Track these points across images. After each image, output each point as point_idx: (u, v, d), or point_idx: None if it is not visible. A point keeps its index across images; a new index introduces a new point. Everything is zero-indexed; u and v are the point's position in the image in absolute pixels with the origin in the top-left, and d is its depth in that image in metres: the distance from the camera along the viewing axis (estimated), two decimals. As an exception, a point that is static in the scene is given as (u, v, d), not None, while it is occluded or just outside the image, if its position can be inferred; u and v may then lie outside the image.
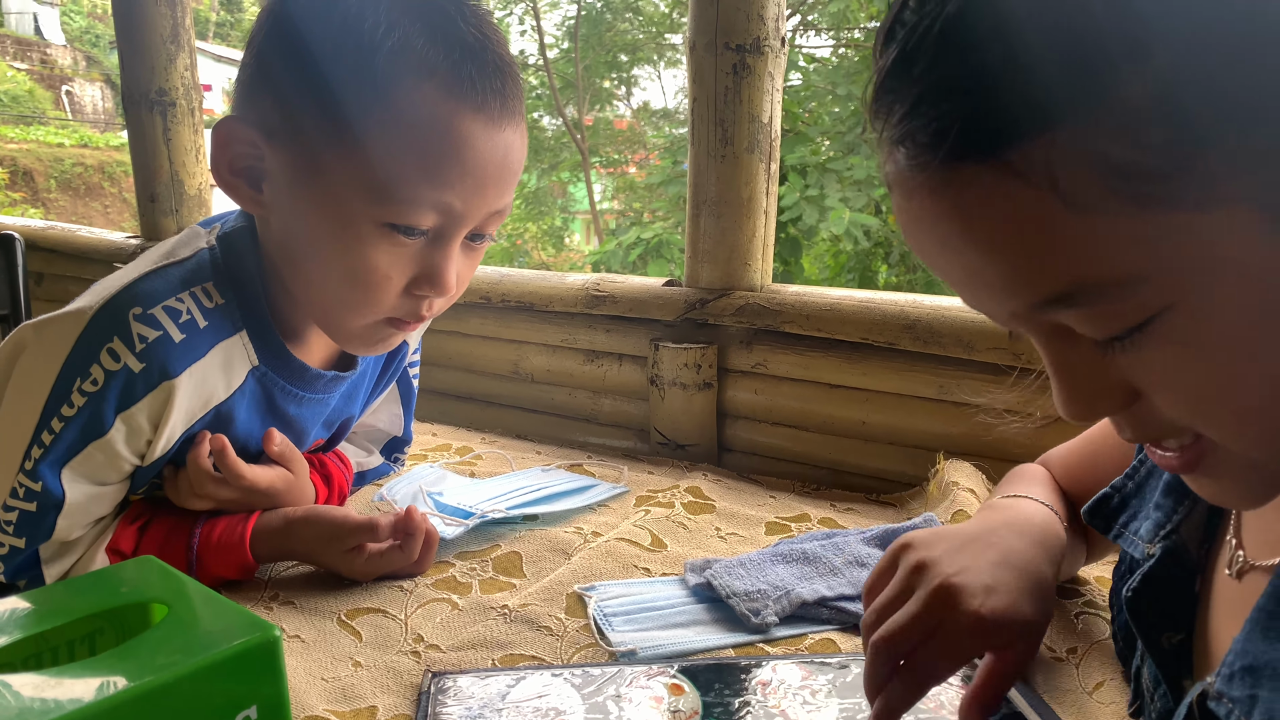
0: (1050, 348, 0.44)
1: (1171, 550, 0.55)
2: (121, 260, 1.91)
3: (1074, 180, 0.36)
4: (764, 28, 1.21)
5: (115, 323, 0.74)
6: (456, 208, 0.72)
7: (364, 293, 0.75)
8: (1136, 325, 0.39)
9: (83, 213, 12.27)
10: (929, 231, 0.42)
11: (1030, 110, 0.36)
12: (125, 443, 0.76)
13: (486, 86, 0.71)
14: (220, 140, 0.75)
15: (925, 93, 0.39)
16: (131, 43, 1.81)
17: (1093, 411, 0.44)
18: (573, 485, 1.07)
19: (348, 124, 0.70)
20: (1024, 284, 0.40)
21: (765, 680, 0.68)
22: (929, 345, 1.12)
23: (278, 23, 0.74)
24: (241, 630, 0.51)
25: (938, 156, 0.39)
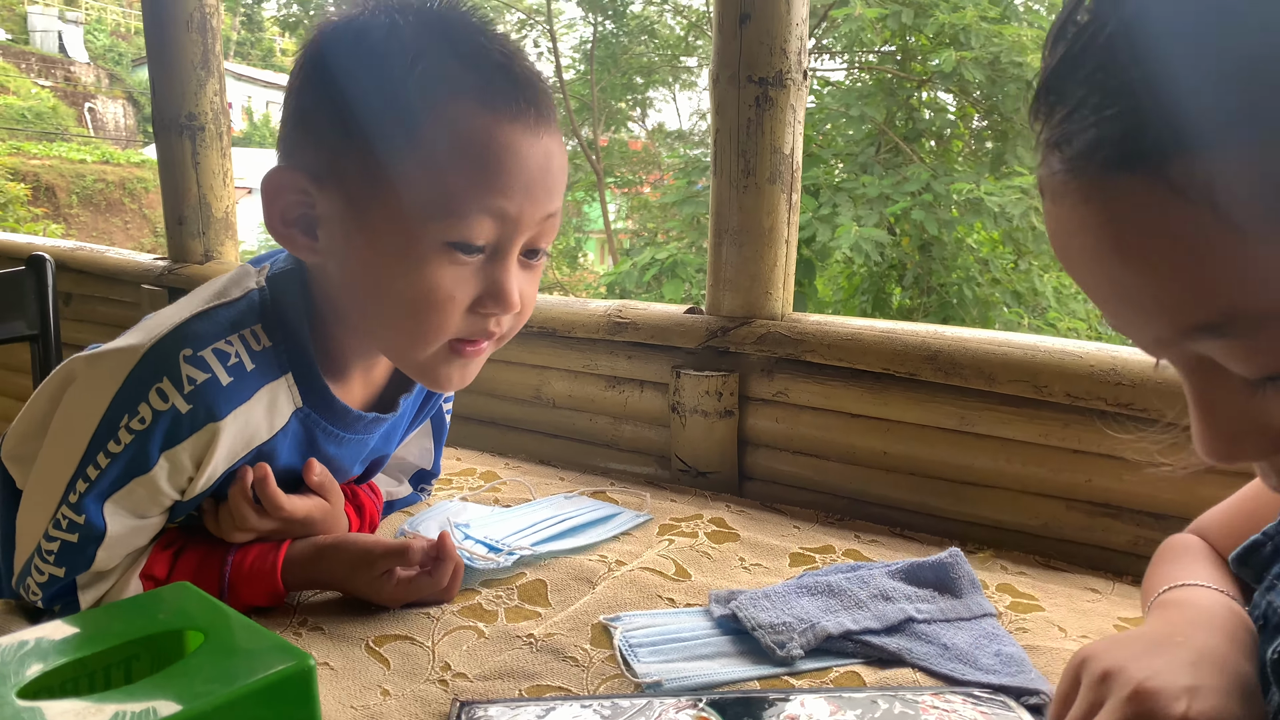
0: (1194, 380, 0.41)
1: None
2: (149, 282, 1.94)
3: (1235, 200, 0.34)
4: (786, 61, 1.22)
5: (165, 363, 0.75)
6: (510, 213, 0.74)
7: (429, 316, 0.75)
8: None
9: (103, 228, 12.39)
10: (1077, 241, 0.40)
11: (1195, 123, 0.34)
12: (168, 479, 0.77)
13: (520, 96, 0.74)
14: (270, 192, 0.76)
15: (1088, 96, 0.37)
16: (163, 67, 1.84)
17: (1235, 454, 0.41)
18: (596, 514, 1.07)
19: (391, 154, 0.72)
20: (1173, 307, 0.38)
21: (793, 715, 0.68)
22: (950, 376, 1.12)
23: (311, 69, 0.76)
24: (277, 659, 0.52)
25: (1094, 162, 0.37)
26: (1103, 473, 1.06)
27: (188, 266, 1.90)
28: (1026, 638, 0.83)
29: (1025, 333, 1.24)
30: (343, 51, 0.74)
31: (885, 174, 6.52)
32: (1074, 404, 1.05)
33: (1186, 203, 0.35)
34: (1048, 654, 0.80)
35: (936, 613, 0.83)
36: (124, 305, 2.00)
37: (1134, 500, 1.05)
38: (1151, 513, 1.04)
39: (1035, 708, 0.70)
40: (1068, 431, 1.07)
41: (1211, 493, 0.99)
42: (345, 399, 0.86)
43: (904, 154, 6.84)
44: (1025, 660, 0.77)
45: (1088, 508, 1.08)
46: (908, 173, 6.35)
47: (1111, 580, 0.99)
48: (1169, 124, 0.35)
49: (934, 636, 0.80)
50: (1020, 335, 1.12)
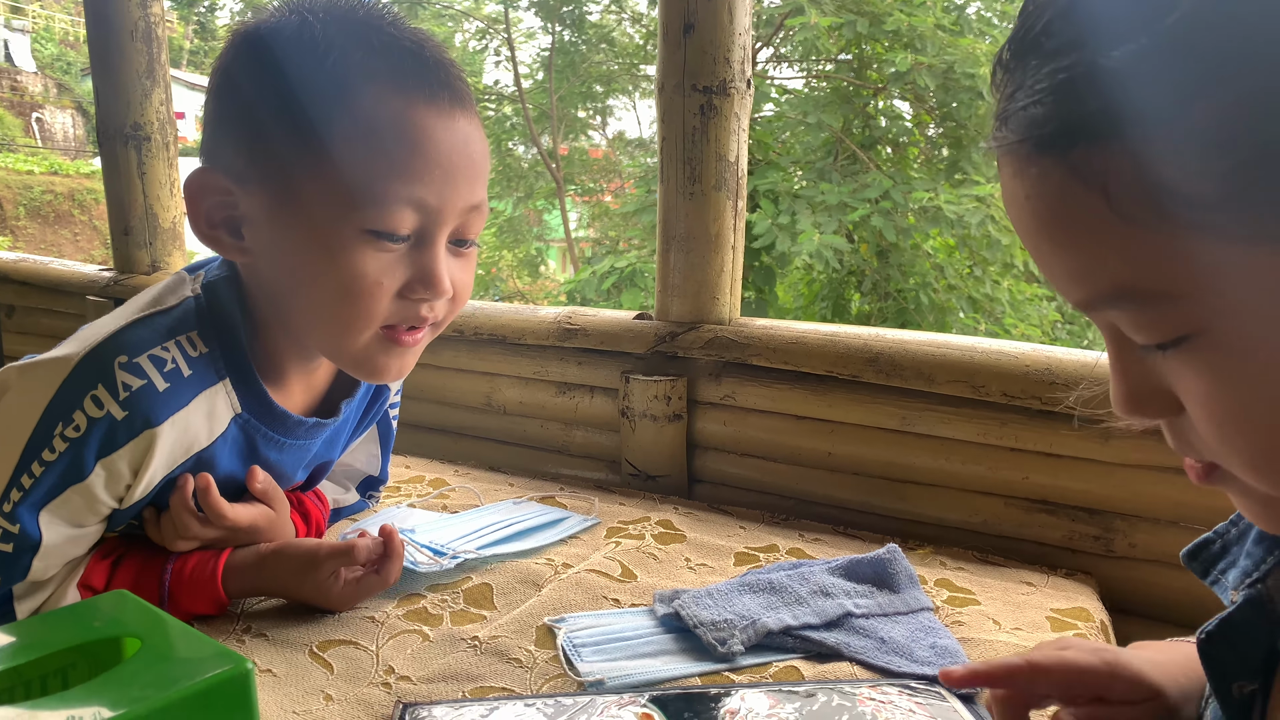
0: (1110, 342, 0.44)
1: (1254, 600, 0.53)
2: (94, 293, 1.91)
3: (1124, 190, 0.37)
4: (730, 70, 1.24)
5: (100, 370, 0.75)
6: (431, 202, 0.74)
7: (357, 303, 0.76)
8: (1169, 341, 0.40)
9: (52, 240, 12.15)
10: (1011, 208, 0.43)
11: (1095, 116, 0.37)
12: (104, 488, 0.77)
13: (432, 79, 0.75)
14: (193, 193, 0.77)
15: (1027, 77, 0.40)
16: (107, 78, 1.82)
17: (1139, 411, 0.45)
18: (544, 519, 1.08)
19: (308, 145, 0.73)
20: (1082, 278, 0.41)
21: (734, 709, 0.70)
22: (891, 378, 1.14)
23: (227, 69, 0.77)
24: (214, 663, 0.52)
25: (1025, 141, 0.40)
26: (1039, 470, 1.09)
27: (134, 277, 1.88)
28: (962, 630, 0.85)
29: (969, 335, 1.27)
30: (256, 50, 0.75)
31: (843, 181, 6.59)
32: (1010, 403, 1.08)
33: (1086, 188, 0.38)
34: (982, 646, 0.82)
35: (874, 607, 0.85)
36: (69, 317, 1.97)
37: (1069, 496, 1.08)
38: (1085, 508, 1.07)
39: (967, 697, 0.72)
40: (1005, 430, 1.09)
41: (1144, 488, 1.03)
42: (285, 404, 0.86)
43: (861, 162, 6.92)
44: (960, 652, 0.79)
45: (1025, 504, 1.10)
46: (867, 180, 6.43)
47: (1046, 574, 1.02)
48: (1075, 114, 0.38)
49: (871, 630, 0.82)
50: (958, 337, 1.15)
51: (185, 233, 1.98)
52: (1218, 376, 0.39)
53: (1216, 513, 1.01)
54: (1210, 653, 0.53)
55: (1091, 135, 0.38)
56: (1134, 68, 0.36)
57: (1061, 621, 0.89)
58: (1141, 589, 1.05)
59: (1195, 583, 1.02)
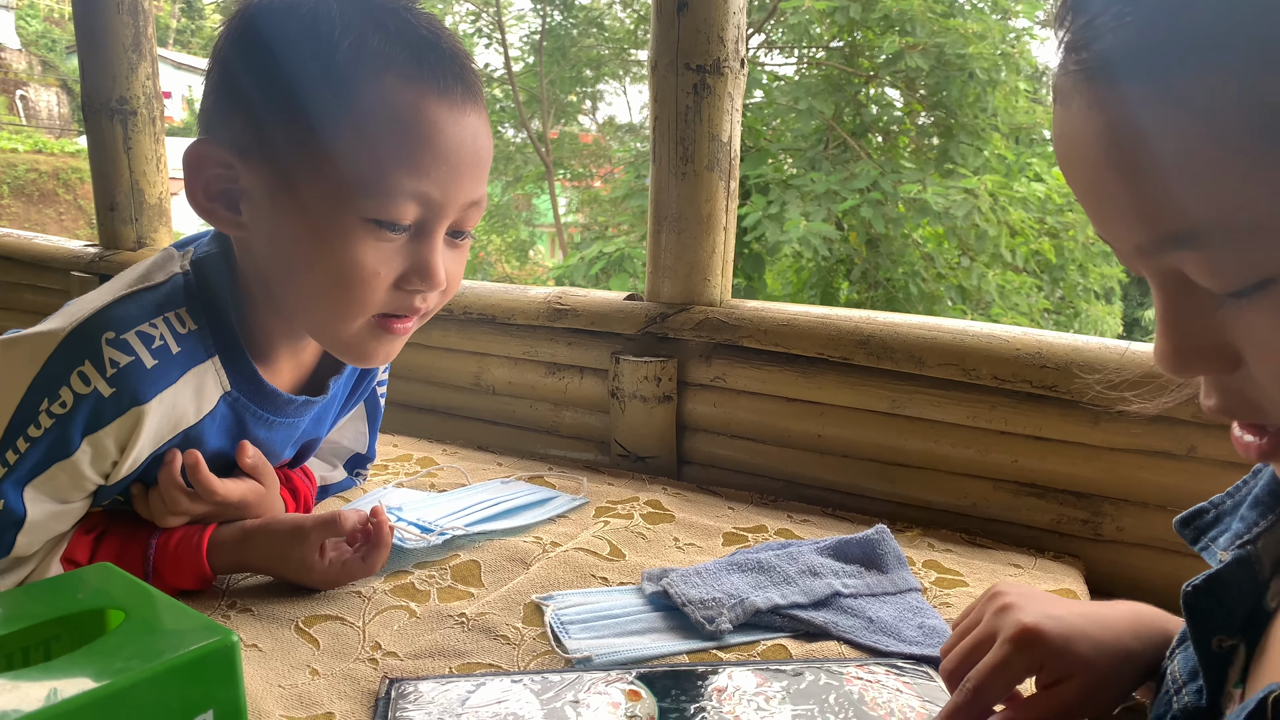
0: (1164, 293, 0.42)
1: (1243, 559, 0.53)
2: (79, 269, 1.89)
3: (1232, 118, 0.36)
4: (724, 49, 1.24)
5: (87, 346, 0.74)
6: (435, 196, 0.74)
7: (353, 291, 0.75)
8: (1255, 284, 0.38)
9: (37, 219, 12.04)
10: (1079, 146, 0.41)
11: (1209, 39, 0.36)
12: (90, 464, 0.76)
13: (446, 72, 0.74)
14: (193, 164, 0.75)
15: (1107, 5, 0.38)
16: (93, 51, 1.79)
17: (1188, 366, 0.43)
18: (532, 498, 1.08)
19: (317, 127, 0.71)
20: (1154, 215, 0.39)
21: (721, 687, 0.70)
22: (882, 360, 1.14)
23: (238, 41, 0.75)
24: (198, 635, 0.52)
25: (1106, 67, 0.39)
26: (1028, 453, 1.09)
27: (119, 253, 1.86)
28: (949, 612, 0.85)
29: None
30: (270, 24, 0.73)
31: (833, 170, 6.59)
32: (1001, 386, 1.08)
33: (1183, 114, 0.37)
34: (969, 626, 0.82)
35: (863, 587, 0.85)
36: (53, 293, 1.95)
37: (1057, 480, 1.08)
38: (1074, 491, 1.07)
39: (953, 675, 0.72)
40: (995, 414, 1.09)
41: (1133, 473, 1.03)
42: (274, 382, 0.85)
43: (851, 150, 6.92)
44: (947, 632, 0.79)
45: (1013, 487, 1.11)
46: (856, 169, 6.43)
47: (1034, 556, 1.02)
48: (1180, 37, 0.36)
49: (859, 610, 0.82)
50: (949, 320, 1.15)
51: (171, 209, 1.96)
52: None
53: (1202, 498, 1.01)
54: (1195, 605, 0.53)
55: (1202, 55, 0.36)
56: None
57: (1049, 603, 0.89)
58: (1129, 572, 1.05)
59: (1182, 566, 1.03)
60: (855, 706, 0.67)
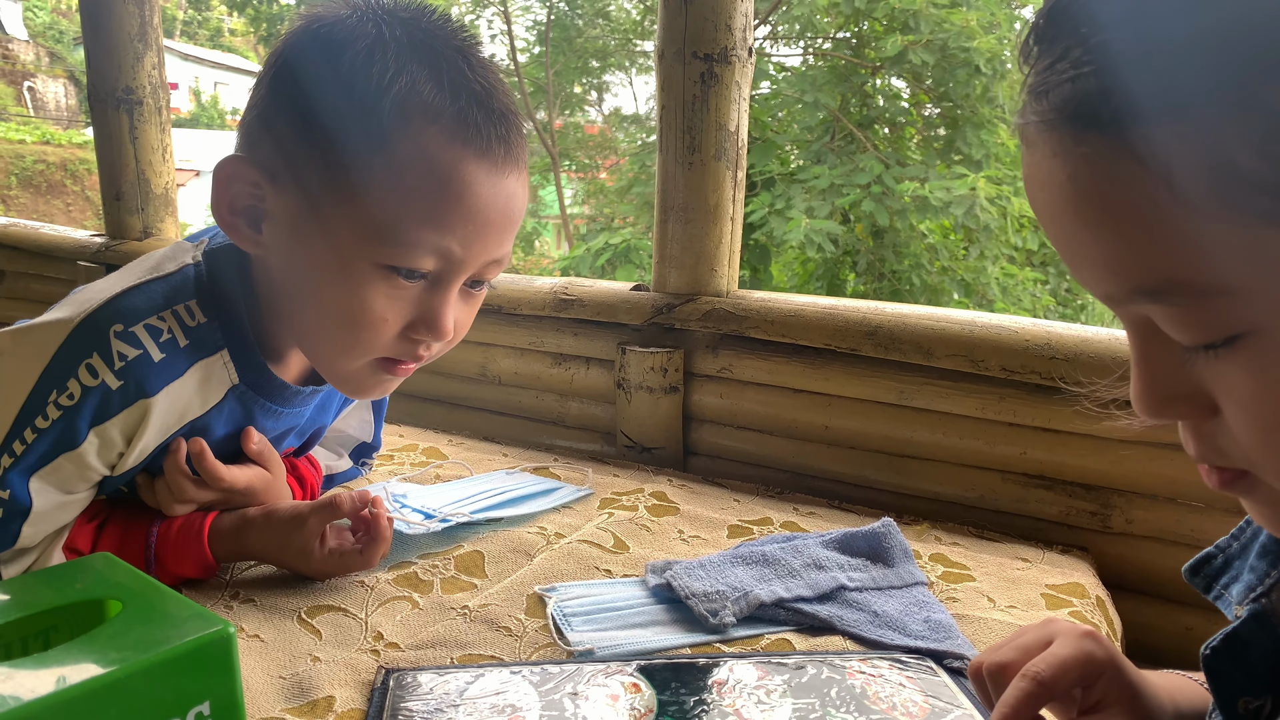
0: (1137, 339, 0.42)
1: (1259, 614, 0.52)
2: (86, 258, 1.89)
3: (1190, 174, 0.34)
4: (731, 38, 1.22)
5: (95, 338, 0.73)
6: (456, 253, 0.72)
7: (359, 334, 0.74)
8: (1221, 340, 0.37)
9: (44, 210, 12.07)
10: (1043, 193, 0.40)
11: (1163, 94, 0.34)
12: (97, 455, 0.75)
13: (492, 133, 0.71)
14: (222, 179, 0.74)
15: (1070, 49, 0.37)
16: (98, 40, 1.79)
17: (1164, 412, 0.42)
18: (537, 488, 1.07)
19: (352, 166, 0.70)
20: (1121, 269, 0.38)
21: (721, 680, 0.69)
22: (889, 351, 1.13)
23: (287, 65, 0.73)
24: (195, 626, 0.51)
25: (1066, 118, 0.37)
26: (1036, 445, 1.08)
27: (125, 243, 1.86)
28: (956, 607, 0.84)
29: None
30: (322, 55, 0.71)
31: (839, 162, 6.56)
32: (1009, 378, 1.07)
33: (1145, 171, 0.35)
34: (976, 623, 0.81)
35: (868, 581, 0.85)
36: (60, 282, 1.95)
37: (1066, 472, 1.07)
38: (1083, 484, 1.06)
39: (958, 671, 0.72)
40: (1003, 405, 1.08)
41: (1142, 465, 1.02)
42: (282, 375, 0.84)
43: (858, 141, 6.89)
44: (954, 627, 0.78)
45: (1022, 479, 1.10)
46: (859, 163, 6.40)
47: (1042, 549, 1.01)
48: (1139, 90, 0.35)
49: (865, 604, 0.81)
50: (957, 311, 1.14)
51: (178, 199, 1.96)
52: (1268, 380, 0.37)
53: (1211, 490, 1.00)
54: (1215, 667, 0.52)
55: (1156, 114, 0.35)
56: (1206, 39, 0.34)
57: (1056, 599, 0.88)
58: (1137, 565, 1.04)
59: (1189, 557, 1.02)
60: (857, 700, 0.67)
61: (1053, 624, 0.61)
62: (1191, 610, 1.03)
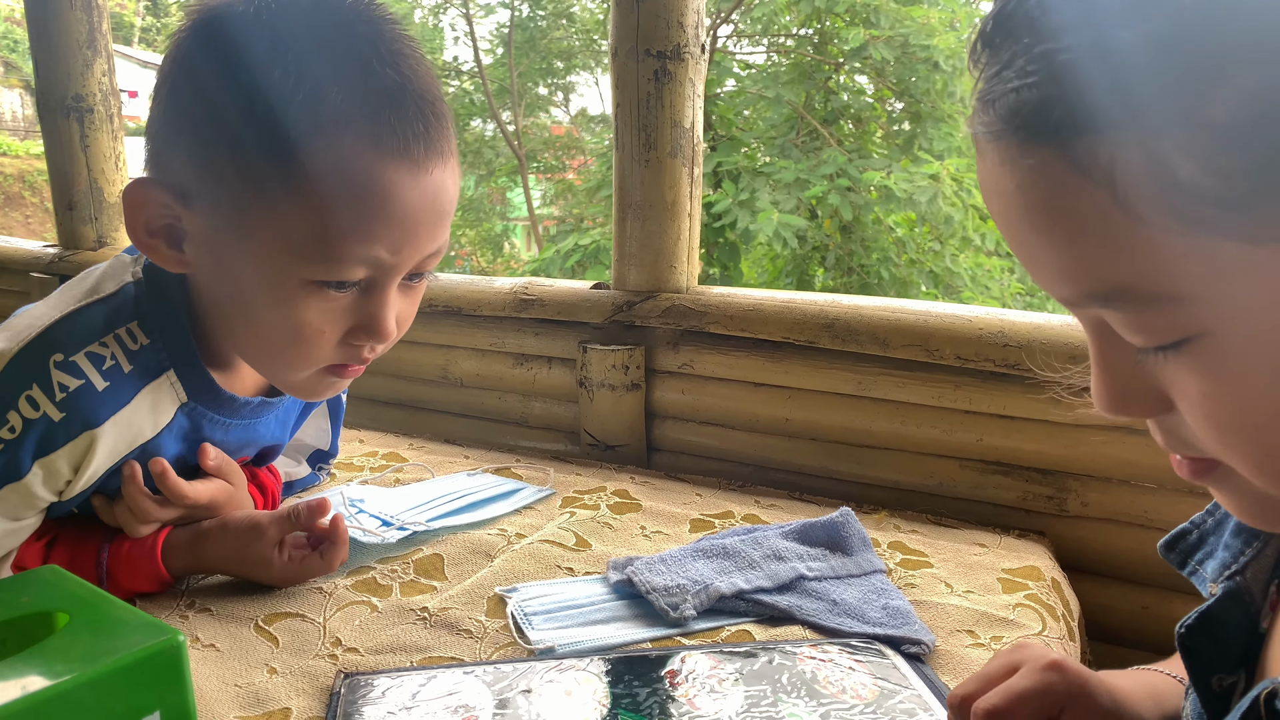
0: (1094, 340, 0.43)
1: (1233, 591, 0.52)
2: (39, 270, 1.86)
3: (1132, 185, 0.35)
4: (684, 35, 1.23)
5: (35, 369, 0.71)
6: (386, 260, 0.69)
7: (298, 348, 0.72)
8: (1170, 343, 0.38)
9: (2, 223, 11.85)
10: (995, 201, 0.41)
11: (1105, 105, 0.35)
12: (43, 484, 0.74)
13: (408, 130, 0.67)
14: (133, 204, 0.71)
15: (1015, 58, 0.37)
16: (46, 48, 1.76)
17: (1124, 409, 0.43)
18: (498, 490, 1.07)
19: (265, 184, 0.66)
20: (1072, 275, 0.39)
21: (674, 670, 0.69)
22: (847, 343, 1.14)
23: (183, 77, 0.69)
24: (144, 636, 0.51)
25: (1012, 128, 0.38)
26: (993, 432, 1.09)
27: (80, 253, 1.83)
28: (915, 593, 0.85)
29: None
30: (217, 64, 0.66)
31: (804, 157, 6.59)
32: (964, 366, 1.08)
33: (1088, 181, 0.36)
34: (934, 609, 0.82)
35: (827, 570, 0.85)
36: (12, 295, 1.92)
37: (1022, 457, 1.08)
38: (1039, 469, 1.08)
39: (915, 656, 0.73)
40: (959, 393, 1.10)
41: (1096, 449, 1.04)
42: (234, 387, 0.83)
43: (823, 137, 6.93)
44: (911, 613, 0.79)
45: (980, 466, 1.11)
46: (823, 156, 6.44)
47: (999, 535, 1.02)
48: (1081, 102, 0.35)
49: (824, 593, 0.82)
50: (912, 301, 1.15)
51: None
52: (1219, 379, 0.38)
53: (1165, 471, 1.02)
54: (1190, 645, 0.53)
55: (1099, 125, 0.35)
56: (1147, 50, 0.34)
57: (1013, 582, 0.89)
58: (1094, 547, 1.06)
59: (1146, 540, 1.04)
60: (808, 685, 0.67)
61: (1022, 650, 0.62)
62: (1147, 590, 1.05)
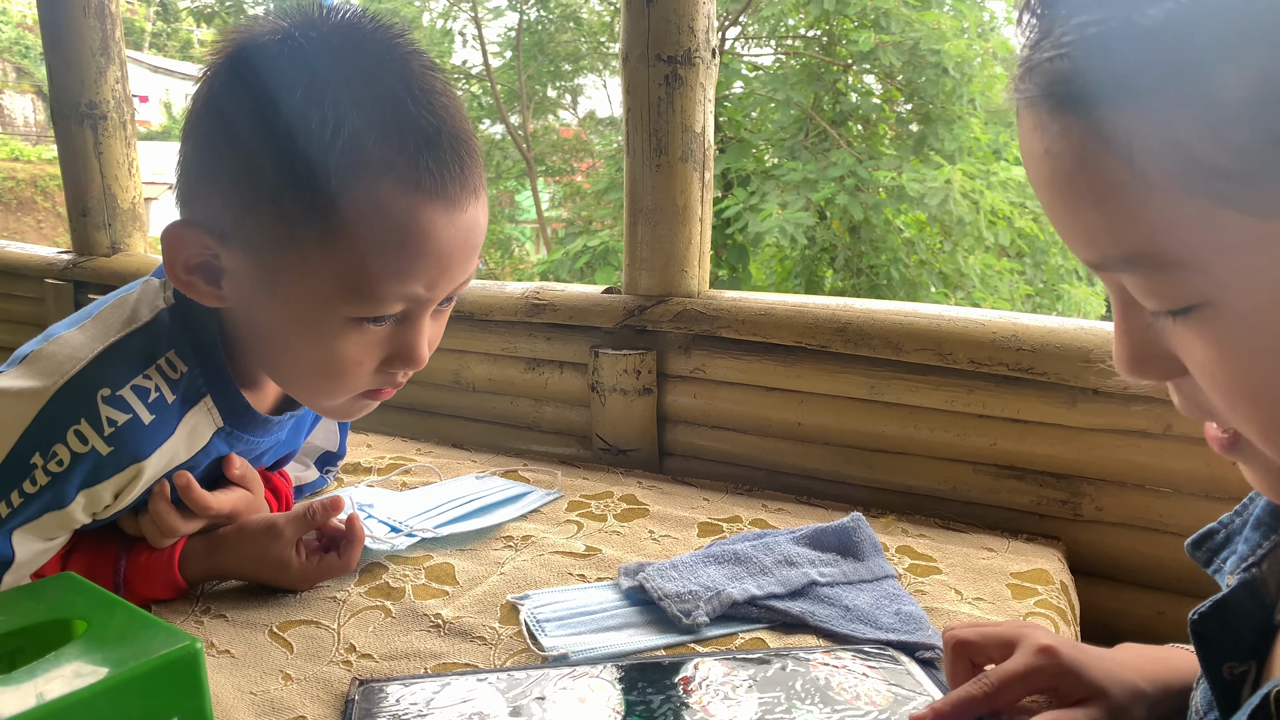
0: (1118, 302, 0.44)
1: (1249, 583, 0.53)
2: (53, 276, 1.88)
3: (1149, 156, 0.37)
4: (694, 39, 1.23)
5: (82, 404, 0.72)
6: (423, 295, 0.71)
7: (338, 380, 0.74)
8: (1179, 309, 0.40)
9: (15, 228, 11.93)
10: (1029, 162, 0.43)
11: (1127, 78, 0.36)
12: (83, 510, 0.75)
13: (445, 172, 0.68)
14: (171, 245, 0.71)
15: (1054, 27, 0.39)
16: (60, 55, 1.77)
17: (1142, 371, 0.45)
18: (506, 494, 1.07)
19: (305, 228, 0.67)
20: (1094, 239, 0.41)
21: (688, 677, 0.69)
22: (859, 347, 1.14)
23: (219, 119, 0.69)
24: (161, 643, 0.51)
25: (1046, 95, 0.39)
26: (1006, 436, 1.09)
27: (93, 260, 1.84)
28: (924, 600, 0.85)
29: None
30: (255, 102, 0.66)
31: (813, 159, 6.59)
32: (978, 370, 1.08)
33: (1109, 151, 0.38)
34: (944, 615, 0.82)
35: (839, 575, 0.85)
36: (26, 301, 1.94)
37: (1036, 462, 1.08)
38: (1052, 473, 1.07)
39: (925, 661, 0.72)
40: (972, 397, 1.09)
41: (1110, 453, 1.03)
42: (259, 404, 0.84)
43: (832, 138, 6.92)
44: (924, 619, 0.79)
45: (993, 470, 1.11)
46: (833, 158, 6.44)
47: (1007, 539, 1.02)
48: (1105, 74, 0.37)
49: (836, 599, 0.82)
50: (925, 305, 1.15)
51: (147, 213, 1.94)
52: (1223, 347, 0.39)
53: (1180, 475, 1.02)
54: (1202, 632, 0.54)
55: (1119, 96, 0.37)
56: (1167, 27, 0.35)
57: (1022, 587, 0.89)
58: (1109, 552, 1.06)
59: (1161, 545, 1.03)
60: (821, 692, 0.67)
61: (1023, 628, 0.65)
62: (1162, 594, 1.05)
